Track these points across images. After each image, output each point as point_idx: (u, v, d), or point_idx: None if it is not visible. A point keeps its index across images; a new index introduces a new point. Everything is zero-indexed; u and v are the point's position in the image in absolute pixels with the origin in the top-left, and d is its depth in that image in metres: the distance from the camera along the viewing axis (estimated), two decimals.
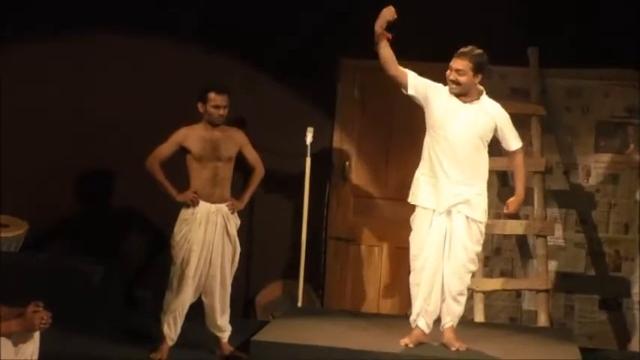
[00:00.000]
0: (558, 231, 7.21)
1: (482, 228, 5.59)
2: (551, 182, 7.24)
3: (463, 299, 5.63)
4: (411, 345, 5.59)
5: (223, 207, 6.23)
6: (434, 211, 5.55)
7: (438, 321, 5.72)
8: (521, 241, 7.29)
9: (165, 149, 6.22)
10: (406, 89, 5.56)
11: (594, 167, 7.25)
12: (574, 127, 7.27)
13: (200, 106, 6.20)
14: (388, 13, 5.44)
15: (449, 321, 5.64)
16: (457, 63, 5.46)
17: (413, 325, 5.67)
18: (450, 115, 5.51)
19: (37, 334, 4.59)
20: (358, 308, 7.43)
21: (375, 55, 5.63)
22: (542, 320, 6.86)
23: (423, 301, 5.59)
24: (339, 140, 7.56)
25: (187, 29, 7.47)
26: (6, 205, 6.13)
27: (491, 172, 7.19)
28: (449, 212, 5.53)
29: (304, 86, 7.24)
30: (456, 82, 5.47)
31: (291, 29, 7.34)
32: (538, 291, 6.95)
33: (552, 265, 7.16)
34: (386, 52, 5.50)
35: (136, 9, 7.45)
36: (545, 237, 7.00)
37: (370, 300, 7.51)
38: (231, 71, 7.25)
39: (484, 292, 6.95)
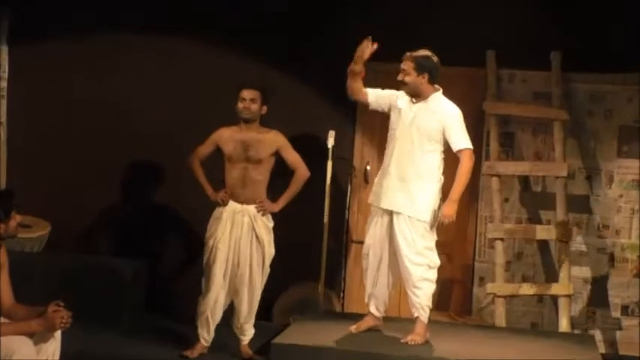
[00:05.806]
0: (580, 236, 7.18)
1: (428, 225, 5.71)
2: (574, 187, 7.20)
3: (419, 292, 5.74)
4: (354, 330, 5.89)
5: (250, 208, 6.25)
6: (379, 207, 5.80)
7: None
8: (543, 246, 7.26)
9: (204, 148, 6.35)
10: (369, 105, 5.91)
11: (617, 172, 7.20)
12: (597, 132, 7.23)
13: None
14: (367, 50, 5.70)
15: (415, 314, 5.81)
16: (402, 64, 5.74)
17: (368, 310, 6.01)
18: (401, 116, 5.78)
19: (58, 334, 4.61)
20: None
21: (395, 59, 5.79)
22: (564, 326, 6.83)
23: (371, 285, 5.92)
24: (361, 143, 7.56)
25: (217, 31, 7.50)
26: (29, 206, 6.15)
27: (512, 176, 7.22)
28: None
29: (326, 89, 7.24)
30: (403, 82, 5.73)
31: (314, 32, 7.35)
32: (560, 296, 6.92)
33: (574, 270, 7.12)
34: (356, 85, 5.83)
35: (170, 8, 7.51)
36: (567, 242, 6.97)
37: (391, 304, 7.44)
38: (253, 74, 7.25)
39: (505, 297, 6.94)
